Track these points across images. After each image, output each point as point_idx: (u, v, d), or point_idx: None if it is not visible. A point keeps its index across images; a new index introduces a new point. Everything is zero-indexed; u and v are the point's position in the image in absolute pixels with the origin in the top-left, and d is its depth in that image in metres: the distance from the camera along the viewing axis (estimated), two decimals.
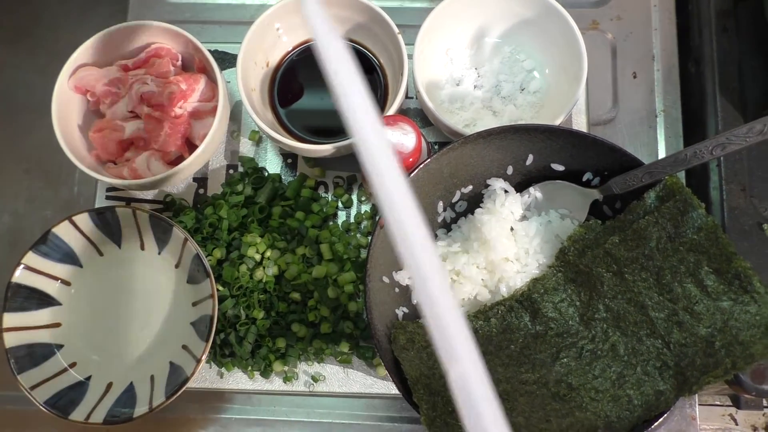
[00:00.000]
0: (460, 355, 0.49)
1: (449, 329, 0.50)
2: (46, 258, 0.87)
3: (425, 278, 0.50)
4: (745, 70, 0.93)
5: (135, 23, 0.91)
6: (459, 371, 0.49)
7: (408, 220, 0.50)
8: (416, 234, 0.50)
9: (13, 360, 0.84)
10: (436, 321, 0.50)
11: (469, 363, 0.49)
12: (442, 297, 0.50)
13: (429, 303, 0.50)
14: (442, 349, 0.49)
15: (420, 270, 0.50)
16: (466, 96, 0.94)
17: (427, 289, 0.50)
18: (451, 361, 0.49)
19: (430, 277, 0.50)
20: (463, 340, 0.50)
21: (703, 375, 0.69)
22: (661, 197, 0.74)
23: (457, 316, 0.50)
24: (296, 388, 0.90)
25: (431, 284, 0.50)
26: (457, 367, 0.49)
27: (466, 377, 0.49)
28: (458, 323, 0.50)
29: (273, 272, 0.89)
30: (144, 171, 0.88)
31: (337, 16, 0.94)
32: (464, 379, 0.49)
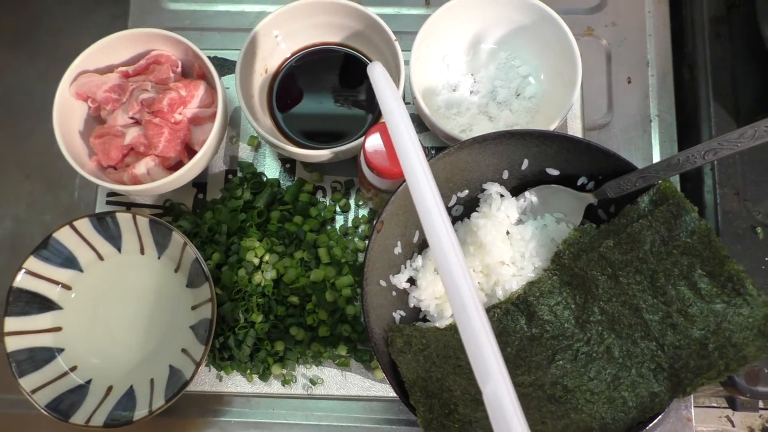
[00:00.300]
0: (493, 374, 0.54)
1: (484, 349, 0.55)
2: (47, 263, 0.88)
3: (464, 302, 0.57)
4: (738, 76, 0.94)
5: (135, 31, 0.92)
6: (492, 389, 0.54)
7: (452, 255, 0.59)
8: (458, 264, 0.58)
9: (15, 364, 0.84)
10: (471, 339, 0.56)
11: (502, 381, 0.54)
12: (476, 316, 0.56)
13: (466, 322, 0.56)
14: (476, 367, 0.55)
15: (460, 294, 0.57)
16: (462, 101, 0.95)
17: (466, 310, 0.56)
18: (485, 379, 0.54)
19: (468, 300, 0.57)
20: (496, 359, 0.55)
21: (697, 377, 0.69)
22: (655, 201, 0.75)
23: (491, 336, 0.56)
24: (295, 391, 0.91)
25: (469, 305, 0.57)
26: (490, 385, 0.54)
27: (499, 395, 0.53)
28: (491, 342, 0.55)
29: (271, 276, 0.90)
30: (144, 176, 0.89)
31: (333, 24, 0.95)
32: (497, 396, 0.53)
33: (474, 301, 0.57)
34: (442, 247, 0.59)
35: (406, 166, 0.63)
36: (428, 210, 0.61)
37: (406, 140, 0.63)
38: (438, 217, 0.60)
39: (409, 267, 0.82)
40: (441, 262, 0.59)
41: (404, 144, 0.63)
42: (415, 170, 0.62)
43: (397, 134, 0.64)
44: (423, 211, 0.61)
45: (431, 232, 0.60)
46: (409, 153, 0.63)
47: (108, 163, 0.91)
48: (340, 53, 0.98)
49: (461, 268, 0.58)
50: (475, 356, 0.55)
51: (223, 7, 1.07)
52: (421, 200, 0.61)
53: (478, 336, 0.56)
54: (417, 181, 0.62)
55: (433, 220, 0.60)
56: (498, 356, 0.55)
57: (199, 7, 1.07)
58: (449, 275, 0.58)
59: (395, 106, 0.65)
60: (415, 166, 0.62)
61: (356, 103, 0.96)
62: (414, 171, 0.62)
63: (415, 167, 0.62)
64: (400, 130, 0.64)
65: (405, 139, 0.63)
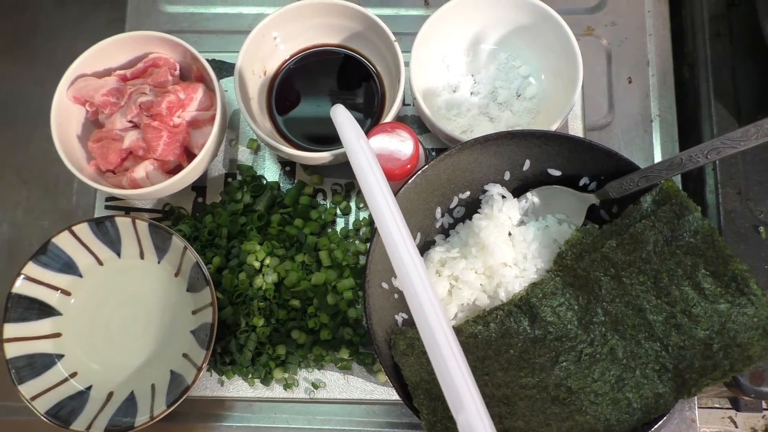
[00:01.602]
0: (466, 403, 0.56)
1: (455, 377, 0.57)
2: (46, 268, 0.87)
3: (432, 330, 0.59)
4: (738, 74, 0.94)
5: (133, 34, 0.92)
6: (465, 418, 0.56)
7: (417, 281, 0.61)
8: (425, 292, 0.61)
9: (14, 370, 0.84)
10: (442, 367, 0.57)
11: (474, 411, 0.56)
12: (445, 343, 0.58)
13: (435, 349, 0.58)
14: (449, 397, 0.57)
15: (427, 321, 0.59)
16: (463, 102, 0.94)
17: (435, 338, 0.58)
18: (457, 409, 0.56)
19: (436, 328, 0.59)
20: (468, 388, 0.57)
21: (702, 377, 0.69)
22: (658, 201, 0.74)
23: (462, 363, 0.57)
24: (297, 395, 0.90)
25: (437, 332, 0.58)
26: (463, 415, 0.56)
27: (472, 424, 0.55)
28: (463, 370, 0.57)
29: (272, 279, 0.89)
30: (143, 180, 0.88)
31: (332, 25, 0.95)
32: (470, 426, 0.55)
33: (442, 327, 0.59)
34: (408, 275, 0.61)
35: (371, 202, 0.66)
36: (394, 242, 0.63)
37: (371, 179, 0.67)
38: (402, 246, 0.63)
39: None
40: (407, 289, 0.61)
41: (369, 182, 0.67)
42: (381, 207, 0.65)
43: (360, 172, 0.68)
44: (389, 243, 0.63)
45: (396, 262, 0.62)
46: (374, 191, 0.66)
47: (106, 167, 0.90)
48: (339, 55, 0.98)
49: (428, 296, 0.60)
50: (446, 384, 0.57)
51: (221, 9, 1.07)
52: (387, 234, 0.64)
53: (448, 363, 0.57)
54: (383, 216, 0.65)
55: (399, 250, 0.63)
56: (470, 382, 0.57)
57: (197, 10, 1.07)
58: (416, 304, 0.60)
59: (358, 145, 0.69)
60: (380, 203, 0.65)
61: (356, 105, 0.96)
62: (379, 207, 0.65)
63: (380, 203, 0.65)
64: (364, 167, 0.68)
65: (370, 178, 0.67)
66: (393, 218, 0.64)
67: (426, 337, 0.59)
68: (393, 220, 0.64)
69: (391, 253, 0.63)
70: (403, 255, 0.62)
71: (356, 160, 0.68)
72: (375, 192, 0.65)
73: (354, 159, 0.68)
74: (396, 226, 0.64)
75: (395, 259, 0.63)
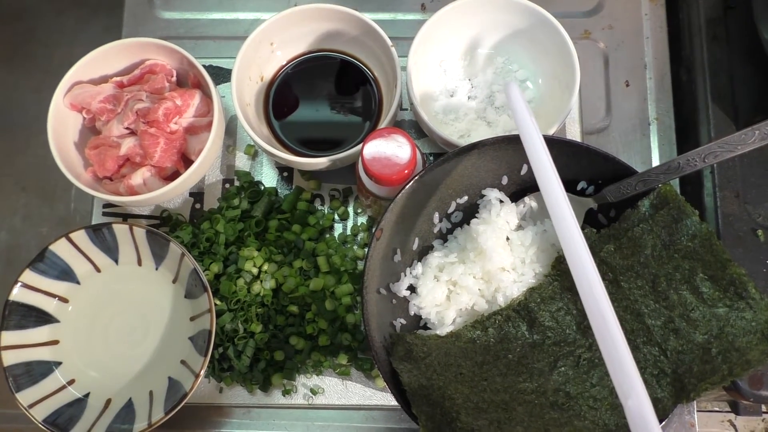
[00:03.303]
0: (637, 388, 0.56)
1: (625, 360, 0.57)
2: (43, 275, 0.87)
3: (605, 317, 0.60)
4: (736, 77, 0.94)
5: (129, 41, 0.92)
6: (636, 403, 0.55)
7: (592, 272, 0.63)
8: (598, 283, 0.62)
9: (12, 378, 0.84)
10: (613, 353, 0.58)
11: (644, 396, 0.55)
12: (616, 330, 0.59)
13: (608, 337, 0.59)
14: (618, 380, 0.57)
15: (600, 310, 0.60)
16: (460, 107, 0.94)
17: (607, 326, 0.59)
18: (627, 394, 0.56)
19: (608, 315, 0.60)
20: (637, 373, 0.56)
21: (701, 382, 0.69)
22: (655, 205, 0.74)
23: (628, 349, 0.57)
24: (295, 401, 0.90)
25: (609, 319, 0.59)
26: (634, 399, 0.55)
27: (643, 410, 0.55)
28: (630, 355, 0.57)
29: (270, 285, 0.89)
30: (140, 187, 0.88)
31: (329, 30, 0.95)
32: (641, 411, 0.55)
33: (613, 314, 0.59)
34: (583, 263, 0.63)
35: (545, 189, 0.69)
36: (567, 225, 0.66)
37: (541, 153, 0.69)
38: (577, 234, 0.65)
39: (409, 275, 0.81)
40: (581, 280, 0.63)
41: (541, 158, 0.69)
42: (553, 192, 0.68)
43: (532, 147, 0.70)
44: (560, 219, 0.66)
45: (571, 251, 0.64)
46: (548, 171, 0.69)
47: (104, 174, 0.90)
48: (336, 60, 0.98)
49: (600, 286, 0.62)
50: (615, 367, 0.57)
51: (217, 15, 1.06)
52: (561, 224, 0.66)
53: (620, 349, 0.57)
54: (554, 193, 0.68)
55: (573, 236, 0.65)
56: (637, 369, 0.57)
57: (193, 16, 1.06)
58: (590, 292, 0.61)
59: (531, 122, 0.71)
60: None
61: (353, 110, 0.96)
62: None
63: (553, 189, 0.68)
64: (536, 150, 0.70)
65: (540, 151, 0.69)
66: (563, 194, 0.67)
67: (595, 320, 0.60)
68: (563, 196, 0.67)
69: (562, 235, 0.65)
70: (575, 236, 0.64)
71: (529, 137, 0.71)
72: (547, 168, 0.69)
73: (526, 135, 0.71)
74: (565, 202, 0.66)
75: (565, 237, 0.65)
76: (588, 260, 0.63)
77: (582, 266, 0.63)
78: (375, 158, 0.77)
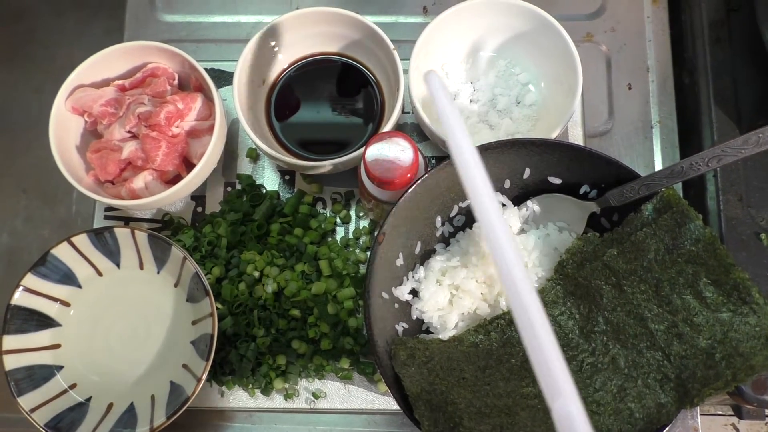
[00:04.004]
0: (564, 390, 0.51)
1: (553, 364, 0.52)
2: (45, 279, 0.87)
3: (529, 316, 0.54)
4: (739, 80, 0.93)
5: (131, 44, 0.92)
6: (563, 407, 0.51)
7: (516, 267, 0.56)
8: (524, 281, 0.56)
9: (13, 382, 0.83)
10: (538, 354, 0.53)
11: (572, 400, 0.51)
12: (542, 329, 0.53)
13: (531, 335, 0.53)
14: (545, 383, 0.52)
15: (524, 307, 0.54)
16: (463, 110, 0.94)
17: (532, 325, 0.54)
18: (554, 395, 0.51)
19: (534, 312, 0.54)
20: (566, 375, 0.52)
21: (704, 387, 0.68)
22: (659, 209, 0.74)
23: (558, 351, 0.53)
24: (297, 405, 0.90)
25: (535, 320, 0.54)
26: (561, 402, 0.51)
27: (570, 415, 0.50)
28: (561, 358, 0.52)
29: (272, 289, 0.89)
30: (142, 191, 0.88)
31: (331, 33, 0.95)
32: (569, 416, 0.50)
33: (540, 312, 0.55)
34: (504, 255, 0.57)
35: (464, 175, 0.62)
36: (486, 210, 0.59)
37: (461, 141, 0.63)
38: (496, 217, 0.59)
39: (412, 279, 0.81)
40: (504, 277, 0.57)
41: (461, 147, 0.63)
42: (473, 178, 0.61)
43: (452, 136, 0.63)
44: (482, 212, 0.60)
45: (491, 236, 0.58)
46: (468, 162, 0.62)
47: (105, 177, 0.90)
48: (338, 63, 0.98)
49: (521, 273, 0.56)
50: (541, 367, 0.53)
51: (219, 18, 1.06)
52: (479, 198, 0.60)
53: (545, 348, 0.53)
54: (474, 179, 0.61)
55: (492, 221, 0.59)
56: (566, 370, 0.52)
57: (195, 19, 1.06)
58: (514, 291, 0.56)
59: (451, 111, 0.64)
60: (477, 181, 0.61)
61: (355, 113, 0.96)
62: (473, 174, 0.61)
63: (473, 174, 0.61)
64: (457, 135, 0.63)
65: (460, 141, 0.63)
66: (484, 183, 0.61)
67: (519, 317, 0.55)
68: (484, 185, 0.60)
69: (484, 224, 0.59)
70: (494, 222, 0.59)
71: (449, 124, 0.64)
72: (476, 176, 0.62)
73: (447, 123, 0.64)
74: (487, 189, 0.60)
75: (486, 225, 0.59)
76: (508, 248, 0.57)
77: (501, 252, 0.57)
78: (377, 162, 0.77)
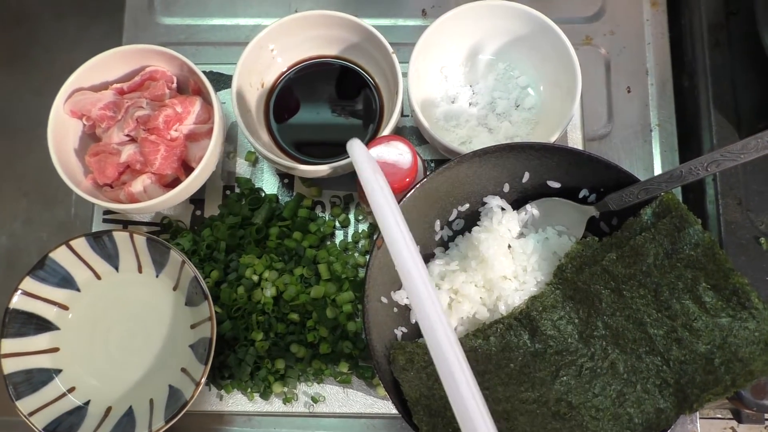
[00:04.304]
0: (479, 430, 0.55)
1: (468, 405, 0.56)
2: (43, 283, 0.87)
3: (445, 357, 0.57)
4: (738, 84, 0.93)
5: (130, 47, 0.91)
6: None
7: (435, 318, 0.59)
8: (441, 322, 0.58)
9: (12, 386, 0.83)
10: (455, 395, 0.57)
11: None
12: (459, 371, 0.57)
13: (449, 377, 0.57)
14: (462, 424, 0.56)
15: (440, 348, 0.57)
16: (462, 113, 0.94)
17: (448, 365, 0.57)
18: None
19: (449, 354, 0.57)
20: (482, 416, 0.55)
21: (703, 392, 0.69)
22: (658, 213, 0.74)
23: (476, 391, 0.56)
24: (296, 409, 0.90)
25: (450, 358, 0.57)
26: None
27: None
28: (476, 397, 0.56)
29: (271, 293, 0.89)
30: (141, 194, 0.88)
31: (330, 36, 0.95)
32: None
33: (456, 353, 0.57)
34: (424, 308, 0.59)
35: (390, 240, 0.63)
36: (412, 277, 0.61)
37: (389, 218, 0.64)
38: (420, 280, 0.60)
39: None
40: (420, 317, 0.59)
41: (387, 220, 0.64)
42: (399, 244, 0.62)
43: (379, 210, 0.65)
44: (407, 279, 0.61)
45: (413, 297, 0.60)
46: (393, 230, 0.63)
47: (104, 181, 0.90)
48: (337, 66, 0.97)
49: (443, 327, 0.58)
50: (460, 411, 0.56)
51: (218, 21, 1.06)
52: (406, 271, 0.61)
53: (462, 390, 0.56)
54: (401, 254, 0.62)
55: (416, 285, 0.60)
56: (484, 409, 0.56)
57: (194, 22, 1.06)
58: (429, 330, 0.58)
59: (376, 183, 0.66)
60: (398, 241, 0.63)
61: (354, 116, 0.95)
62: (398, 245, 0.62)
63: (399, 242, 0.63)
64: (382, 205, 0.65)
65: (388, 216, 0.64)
66: (411, 257, 0.62)
67: (438, 361, 0.58)
68: (411, 259, 0.62)
69: (409, 288, 0.61)
70: (420, 290, 0.60)
71: (374, 197, 0.66)
72: (394, 231, 0.63)
73: (372, 196, 0.66)
74: (414, 263, 0.62)
75: (412, 294, 0.61)
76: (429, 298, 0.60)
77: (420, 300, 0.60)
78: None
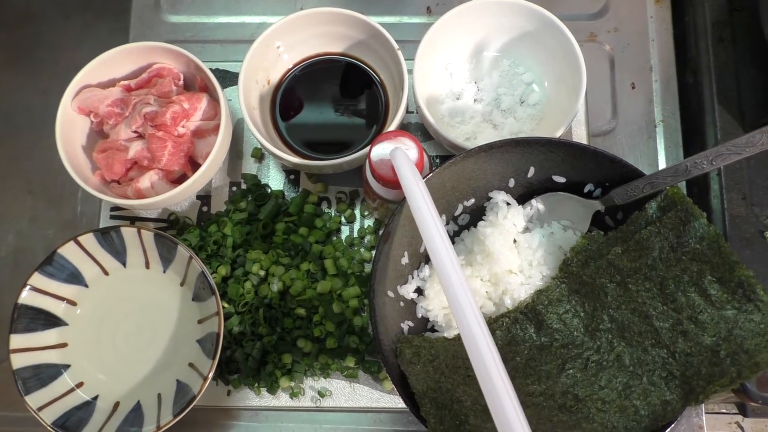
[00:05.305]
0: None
1: (507, 411, 0.56)
2: (51, 279, 0.87)
3: (486, 366, 0.59)
4: (742, 79, 0.94)
5: (136, 44, 0.92)
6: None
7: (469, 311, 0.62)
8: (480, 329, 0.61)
9: (21, 381, 0.84)
10: (495, 401, 0.57)
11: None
12: (497, 377, 0.58)
13: (488, 382, 0.58)
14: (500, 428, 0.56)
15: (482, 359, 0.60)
16: (467, 110, 0.94)
17: (486, 369, 0.59)
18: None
19: (489, 362, 0.59)
20: (520, 421, 0.56)
21: (709, 384, 0.69)
22: (663, 207, 0.74)
23: (513, 395, 0.57)
24: (303, 403, 0.90)
25: (490, 366, 0.59)
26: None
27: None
28: (514, 402, 0.57)
29: (278, 288, 0.89)
30: (148, 190, 0.88)
31: (336, 34, 0.95)
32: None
33: (494, 357, 0.59)
34: (464, 312, 0.61)
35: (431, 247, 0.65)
36: (451, 282, 0.62)
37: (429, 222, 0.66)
38: (459, 286, 0.62)
39: (417, 277, 0.81)
40: (462, 325, 0.61)
41: (428, 225, 0.66)
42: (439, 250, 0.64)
43: (420, 215, 0.67)
44: (447, 283, 0.63)
45: (453, 303, 0.62)
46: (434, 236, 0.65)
47: (111, 177, 0.90)
48: (342, 63, 0.98)
49: (481, 330, 0.61)
50: (498, 416, 0.57)
51: (224, 18, 1.07)
52: (446, 275, 0.63)
53: (501, 396, 0.57)
54: (441, 258, 0.64)
55: (456, 291, 0.62)
56: (521, 413, 0.57)
57: (200, 20, 1.07)
58: (470, 337, 0.61)
59: (417, 189, 0.68)
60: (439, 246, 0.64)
61: (360, 112, 0.96)
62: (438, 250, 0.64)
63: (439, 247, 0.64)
64: (422, 209, 0.67)
65: (429, 221, 0.66)
66: (450, 260, 0.63)
67: (477, 367, 0.60)
68: (451, 263, 0.63)
69: (449, 294, 0.63)
70: (459, 296, 0.62)
71: (415, 203, 0.68)
72: (435, 237, 0.65)
73: (413, 202, 0.68)
74: (454, 268, 0.63)
75: (452, 301, 0.62)
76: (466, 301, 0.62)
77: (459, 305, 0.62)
78: (382, 161, 0.77)
